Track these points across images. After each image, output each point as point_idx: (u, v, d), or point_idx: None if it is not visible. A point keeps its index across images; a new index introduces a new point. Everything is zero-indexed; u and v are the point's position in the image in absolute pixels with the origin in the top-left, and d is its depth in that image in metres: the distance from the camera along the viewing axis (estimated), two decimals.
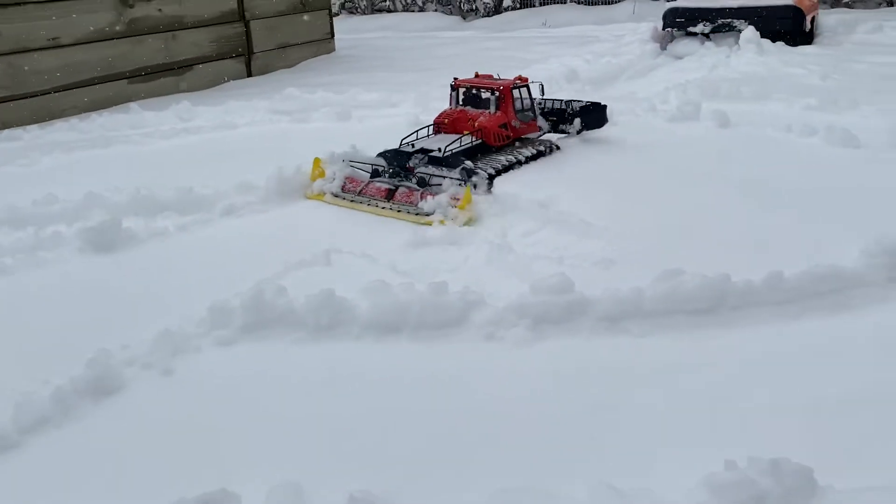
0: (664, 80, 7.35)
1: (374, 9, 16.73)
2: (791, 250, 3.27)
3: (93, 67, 7.44)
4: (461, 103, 4.92)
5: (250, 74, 9.28)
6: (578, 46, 9.91)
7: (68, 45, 7.22)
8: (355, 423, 2.38)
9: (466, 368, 2.65)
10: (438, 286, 2.96)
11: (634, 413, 2.37)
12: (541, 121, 5.09)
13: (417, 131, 4.73)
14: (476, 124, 4.64)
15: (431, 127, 4.81)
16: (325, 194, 4.32)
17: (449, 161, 4.31)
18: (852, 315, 2.82)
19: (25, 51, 6.88)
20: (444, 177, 4.16)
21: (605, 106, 5.17)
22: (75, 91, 7.27)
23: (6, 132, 6.29)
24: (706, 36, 9.29)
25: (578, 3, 15.13)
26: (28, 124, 6.62)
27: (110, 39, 7.60)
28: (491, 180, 4.28)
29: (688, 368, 2.58)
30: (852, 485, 1.93)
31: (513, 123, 4.80)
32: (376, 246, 3.64)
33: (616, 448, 2.22)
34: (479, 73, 5.07)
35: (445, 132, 4.73)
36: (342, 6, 16.95)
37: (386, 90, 7.28)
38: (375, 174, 4.38)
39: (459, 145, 4.44)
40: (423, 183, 4.19)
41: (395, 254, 3.56)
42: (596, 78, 7.55)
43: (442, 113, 4.87)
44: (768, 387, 2.45)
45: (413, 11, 16.12)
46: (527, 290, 2.95)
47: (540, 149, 4.79)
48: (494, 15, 15.14)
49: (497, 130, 4.67)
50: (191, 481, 2.09)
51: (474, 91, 4.85)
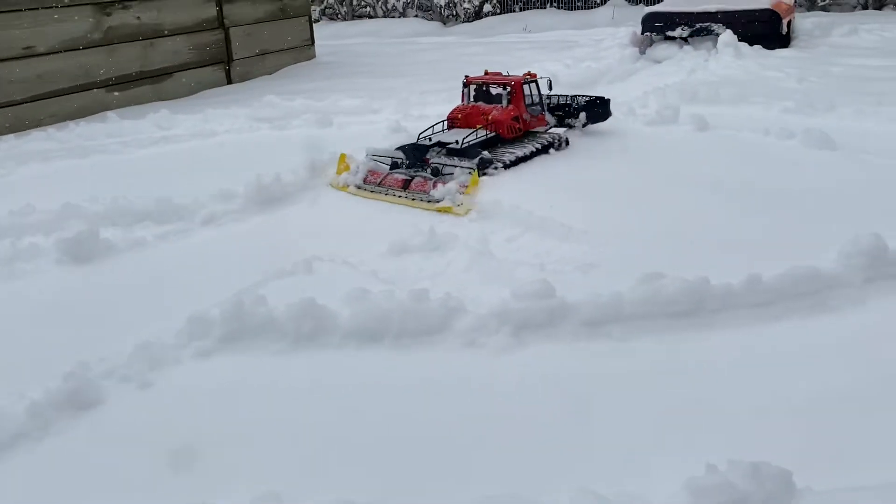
0: (643, 84, 7.39)
1: (355, 15, 16.72)
2: (770, 252, 3.29)
3: (69, 76, 7.37)
4: (472, 99, 5.17)
5: (230, 82, 9.24)
6: (559, 51, 9.95)
7: (44, 54, 7.14)
8: (337, 433, 2.37)
9: (448, 376, 2.65)
10: (419, 293, 2.96)
11: (616, 418, 2.38)
12: (547, 115, 5.32)
13: (433, 126, 4.97)
14: (490, 118, 4.89)
15: (445, 122, 5.06)
16: (349, 186, 4.60)
17: (466, 152, 4.57)
18: (830, 316, 2.85)
19: (0, 60, 6.80)
20: (456, 166, 4.43)
21: (609, 100, 5.43)
22: (52, 100, 7.20)
23: None
24: (685, 40, 9.36)
25: (558, 9, 15.21)
26: (4, 134, 6.55)
27: (87, 48, 7.54)
28: (507, 168, 4.57)
29: (669, 372, 2.60)
30: (831, 486, 1.95)
31: (524, 117, 5.05)
32: (358, 253, 3.63)
33: (598, 453, 2.22)
34: (489, 71, 5.33)
35: (459, 127, 4.99)
36: (322, 12, 16.93)
37: (367, 96, 7.27)
38: (394, 166, 4.65)
39: (476, 137, 4.72)
40: (437, 173, 4.45)
41: (377, 261, 3.55)
42: (576, 83, 7.57)
43: (455, 108, 5.13)
44: (748, 389, 2.47)
45: (394, 17, 16.13)
46: (508, 297, 2.95)
47: (550, 141, 5.00)
48: (475, 20, 15.18)
49: (510, 123, 4.92)
50: (171, 495, 2.07)
51: (485, 87, 5.12)
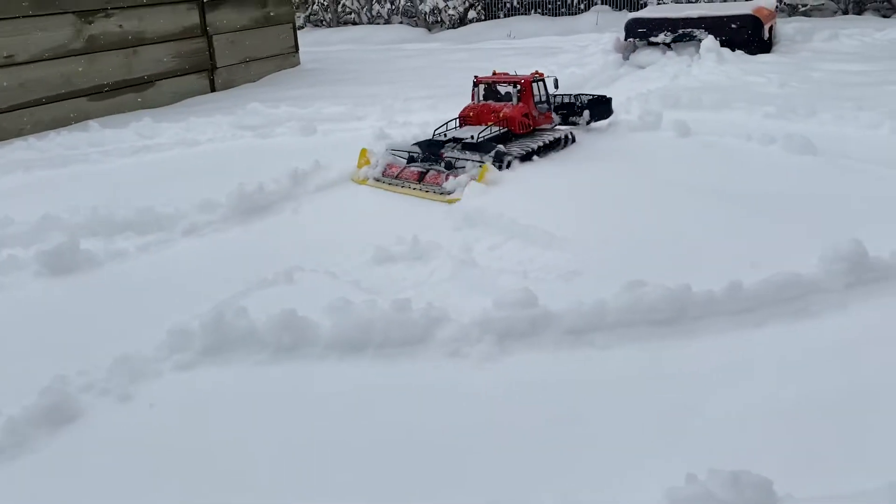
0: (627, 90, 7.42)
1: (340, 21, 16.72)
2: (751, 258, 3.30)
3: (51, 85, 7.32)
4: (482, 98, 5.42)
5: (214, 89, 9.21)
6: (543, 57, 9.99)
7: (24, 63, 7.09)
8: (320, 444, 2.35)
9: (431, 386, 2.64)
10: (402, 303, 2.95)
11: (598, 426, 2.38)
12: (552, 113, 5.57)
13: (447, 123, 5.25)
14: (502, 114, 5.13)
15: (458, 120, 5.32)
16: (369, 179, 4.84)
17: (482, 146, 4.81)
18: (812, 322, 2.86)
19: None
20: (468, 160, 4.69)
21: (610, 98, 5.72)
22: (33, 109, 7.15)
23: None
24: (668, 46, 9.43)
25: (543, 15, 15.27)
26: None
27: (69, 56, 7.49)
28: (522, 160, 4.81)
29: (651, 380, 2.60)
30: (812, 493, 1.95)
31: (533, 114, 5.29)
32: (340, 262, 3.61)
33: (580, 462, 2.22)
34: (497, 71, 5.61)
35: (471, 124, 5.24)
36: (307, 19, 16.91)
37: (351, 103, 7.27)
38: (411, 160, 4.89)
39: (490, 133, 4.95)
40: (450, 166, 4.70)
41: (360, 270, 3.54)
42: (561, 88, 7.59)
43: (466, 107, 5.37)
44: (730, 396, 2.47)
45: (379, 24, 16.14)
46: (491, 306, 2.95)
47: (559, 136, 5.23)
48: (460, 27, 15.22)
49: (521, 119, 5.17)
50: None
51: (494, 86, 5.38)
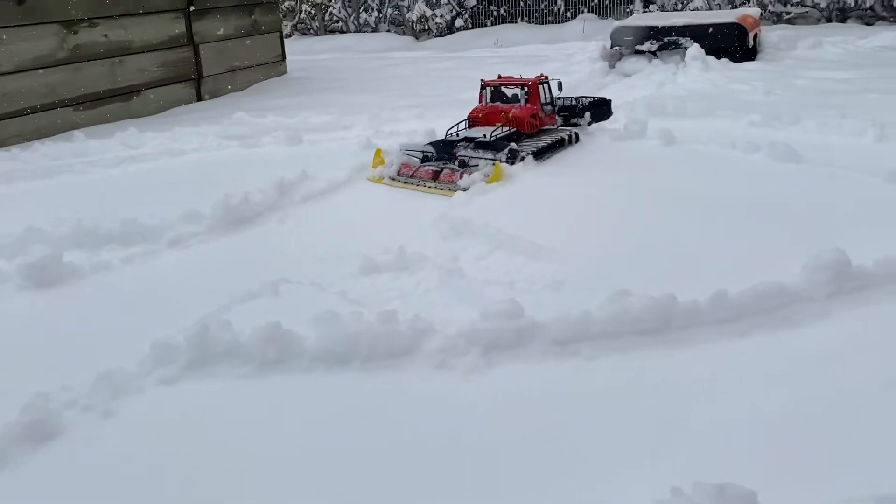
0: (613, 98, 7.41)
1: (327, 30, 16.72)
2: (735, 267, 3.32)
3: (35, 95, 7.27)
4: (489, 100, 5.64)
5: (200, 99, 9.18)
6: (530, 66, 10.00)
7: (8, 73, 7.04)
8: (306, 458, 2.34)
9: (417, 398, 2.63)
10: (388, 315, 2.94)
11: (584, 439, 2.37)
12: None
13: (458, 124, 5.46)
14: (510, 115, 5.35)
15: (466, 121, 5.53)
16: (384, 178, 5.01)
17: (495, 144, 5.04)
18: (795, 331, 2.87)
19: None
20: (481, 158, 4.93)
21: (610, 101, 5.97)
22: (17, 119, 7.09)
23: None
24: (653, 54, 9.48)
25: (529, 23, 15.34)
26: None
27: (53, 66, 7.44)
28: (534, 157, 5.02)
29: (636, 390, 2.60)
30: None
31: (539, 115, 5.52)
32: (326, 273, 3.60)
33: (566, 476, 2.21)
34: (502, 75, 5.85)
35: (480, 125, 5.45)
36: (294, 27, 16.91)
37: (338, 112, 7.25)
38: (425, 159, 5.09)
39: (501, 132, 5.18)
40: (464, 164, 4.93)
41: (346, 281, 3.53)
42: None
43: (475, 109, 5.60)
44: (714, 407, 2.48)
45: (366, 32, 16.15)
46: (477, 317, 2.94)
47: (564, 136, 5.47)
48: (447, 35, 15.25)
49: (529, 120, 5.39)
50: None
51: (501, 89, 5.61)
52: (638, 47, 9.51)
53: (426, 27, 15.44)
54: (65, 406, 2.58)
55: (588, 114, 5.79)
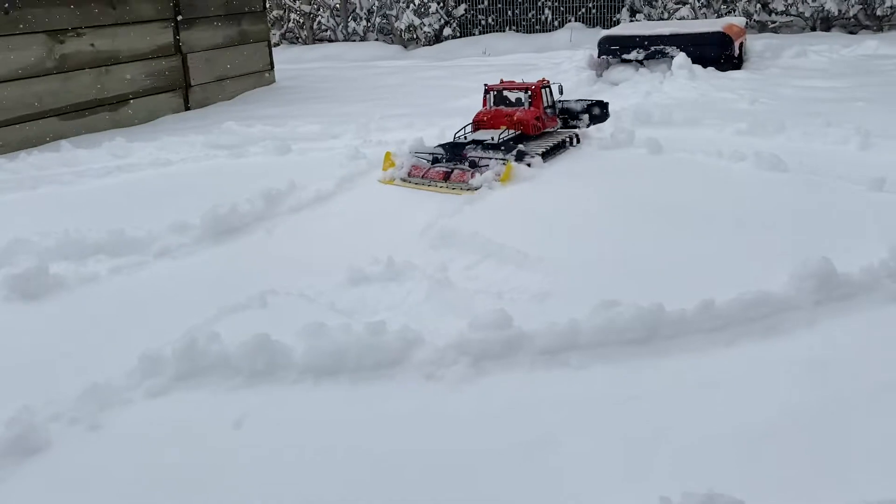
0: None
1: (315, 39, 16.74)
2: (722, 276, 3.34)
3: (22, 105, 7.23)
4: (493, 104, 5.84)
5: (188, 108, 9.16)
6: (518, 74, 10.04)
7: None
8: (294, 470, 2.33)
9: (406, 410, 2.63)
10: (376, 326, 2.94)
11: (573, 449, 2.38)
12: None
13: (465, 127, 5.67)
14: (516, 118, 5.54)
15: (472, 125, 5.71)
16: (395, 179, 5.16)
17: (503, 146, 5.22)
18: (782, 340, 2.89)
19: None
20: (491, 158, 5.09)
21: (607, 103, 6.09)
22: (3, 129, 7.05)
23: None
24: (640, 63, 9.54)
25: (517, 32, 15.41)
26: None
27: (40, 76, 7.41)
28: (542, 157, 5.22)
29: (625, 400, 2.61)
30: None
31: (542, 117, 5.70)
32: (315, 284, 3.59)
33: (556, 486, 2.22)
34: (504, 80, 6.07)
35: (485, 128, 5.63)
36: (283, 36, 16.91)
37: (326, 122, 7.26)
38: (435, 161, 5.24)
39: (508, 134, 5.38)
40: (474, 165, 5.07)
41: (334, 292, 3.52)
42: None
43: (479, 112, 5.78)
44: (702, 417, 2.49)
45: (354, 41, 16.18)
46: (466, 327, 2.95)
47: (566, 138, 5.65)
48: (435, 44, 15.30)
49: (534, 122, 5.58)
50: None
51: (504, 93, 5.81)
52: (625, 56, 9.57)
53: (414, 36, 15.48)
54: (50, 419, 2.56)
55: (586, 116, 5.99)
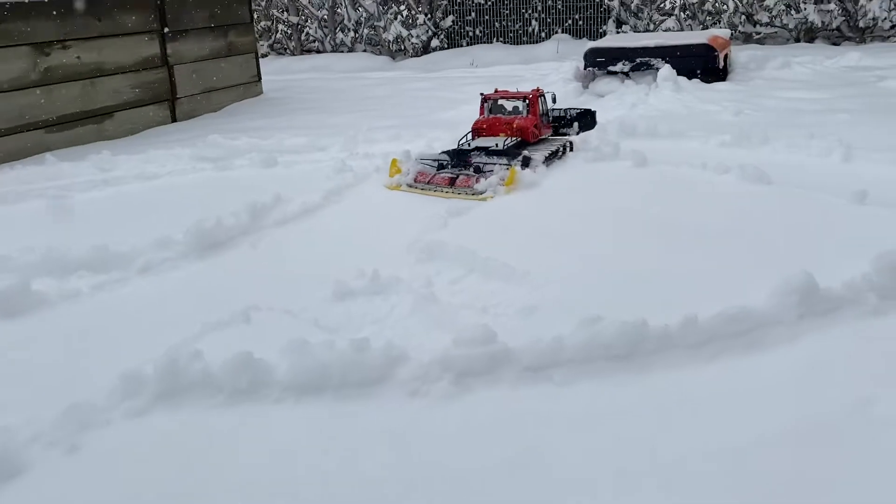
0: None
1: (303, 49, 16.75)
2: (705, 291, 3.36)
3: (6, 118, 7.19)
4: (489, 113, 6.05)
5: (175, 120, 9.13)
6: (505, 86, 10.07)
7: None
8: (277, 489, 2.31)
9: (391, 427, 2.61)
10: (360, 343, 2.92)
11: (557, 466, 2.37)
12: None
13: (466, 135, 5.93)
14: (516, 125, 5.78)
15: (471, 133, 5.94)
16: (402, 185, 5.31)
17: (509, 152, 5.43)
18: (765, 354, 2.90)
19: None
20: (495, 163, 5.31)
21: (595, 112, 6.44)
22: None
23: None
24: (626, 74, 9.60)
25: (504, 43, 15.47)
26: None
27: (25, 88, 7.37)
28: (545, 162, 5.49)
29: (608, 416, 2.61)
30: None
31: (539, 125, 5.95)
32: (299, 299, 3.57)
33: (540, 502, 2.21)
34: (498, 89, 6.29)
35: (485, 135, 5.87)
36: (271, 47, 16.91)
37: (314, 134, 7.25)
38: (441, 167, 5.40)
39: (510, 141, 5.63)
40: (479, 170, 5.27)
41: (319, 307, 3.51)
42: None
43: (478, 121, 6.01)
44: (686, 431, 2.49)
45: (342, 52, 16.20)
46: (450, 343, 2.94)
47: (561, 146, 5.85)
48: (423, 55, 15.34)
49: (532, 129, 5.81)
50: None
51: (500, 102, 6.05)
52: (611, 68, 9.63)
53: (402, 47, 15.52)
54: (30, 441, 2.53)
55: (576, 124, 6.23)
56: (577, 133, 6.23)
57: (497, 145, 5.56)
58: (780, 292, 3.13)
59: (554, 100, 6.27)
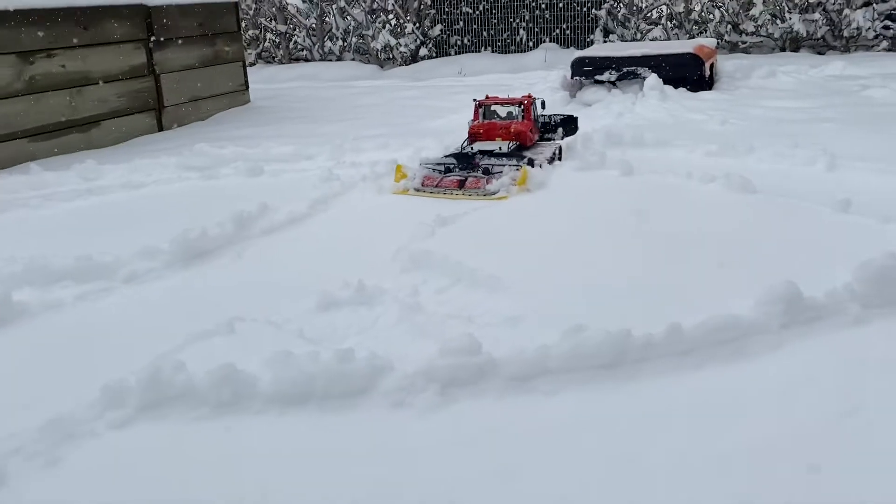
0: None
1: (292, 58, 16.75)
2: (690, 299, 3.37)
3: None
4: (483, 118, 6.21)
5: (161, 129, 9.10)
6: (494, 94, 10.10)
7: None
8: (260, 501, 2.30)
9: (374, 439, 2.60)
10: (345, 353, 2.91)
11: (543, 478, 2.36)
12: None
13: (464, 141, 6.08)
14: (513, 129, 5.95)
15: (467, 138, 6.09)
16: (409, 189, 5.37)
17: (512, 155, 5.67)
18: (749, 364, 2.91)
19: None
20: (504, 164, 5.47)
21: (577, 118, 6.62)
22: None
23: None
24: (613, 84, 9.65)
25: (493, 52, 15.53)
26: None
27: (9, 97, 7.33)
28: (549, 162, 5.75)
29: (594, 427, 2.60)
30: None
31: (534, 129, 6.17)
32: (283, 310, 3.56)
33: None
34: (489, 96, 6.43)
35: (482, 140, 6.02)
36: (259, 55, 16.90)
37: (301, 142, 7.24)
38: (447, 171, 5.51)
39: (512, 145, 5.82)
40: (487, 172, 5.43)
41: (303, 318, 3.49)
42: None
43: (474, 125, 6.15)
44: (672, 441, 2.49)
45: (331, 60, 16.20)
46: (436, 353, 2.93)
47: (558, 148, 6.09)
48: (412, 63, 15.37)
49: (529, 134, 6.02)
50: None
51: (493, 107, 6.26)
52: (598, 77, 9.67)
53: (391, 56, 15.55)
54: (9, 454, 2.50)
55: (560, 129, 6.45)
56: (562, 138, 6.42)
57: (501, 148, 5.74)
58: (765, 301, 3.14)
59: (543, 106, 6.43)
